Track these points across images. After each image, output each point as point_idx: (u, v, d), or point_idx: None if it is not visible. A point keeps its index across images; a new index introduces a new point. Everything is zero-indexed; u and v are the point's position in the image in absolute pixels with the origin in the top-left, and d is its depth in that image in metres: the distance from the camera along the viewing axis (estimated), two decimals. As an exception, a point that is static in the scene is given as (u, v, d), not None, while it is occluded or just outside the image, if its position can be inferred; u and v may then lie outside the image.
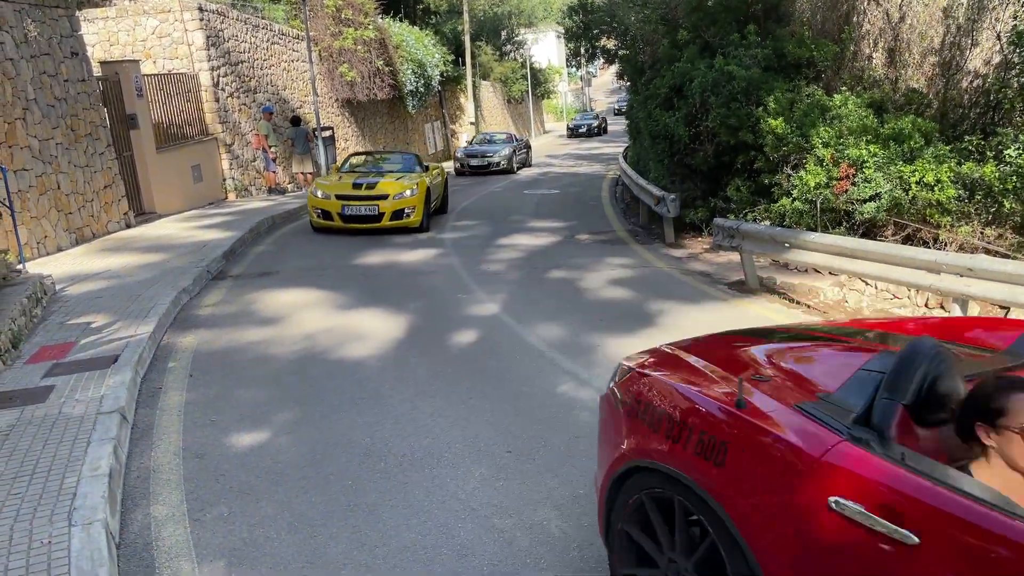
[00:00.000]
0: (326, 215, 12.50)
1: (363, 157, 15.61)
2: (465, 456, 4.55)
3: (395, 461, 4.49)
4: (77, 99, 11.69)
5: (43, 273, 8.20)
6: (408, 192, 12.63)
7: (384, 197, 12.43)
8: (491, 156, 25.04)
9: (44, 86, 10.85)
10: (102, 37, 16.21)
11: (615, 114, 64.43)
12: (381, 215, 12.35)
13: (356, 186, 12.67)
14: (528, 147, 28.78)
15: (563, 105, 66.53)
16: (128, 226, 12.69)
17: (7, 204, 8.91)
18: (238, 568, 3.47)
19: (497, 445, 4.70)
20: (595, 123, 48.36)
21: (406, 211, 12.52)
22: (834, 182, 9.00)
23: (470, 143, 28.57)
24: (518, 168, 26.13)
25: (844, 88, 10.25)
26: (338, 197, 12.47)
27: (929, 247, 8.28)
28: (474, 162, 24.96)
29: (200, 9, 16.19)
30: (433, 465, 4.43)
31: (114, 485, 4.06)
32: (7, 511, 3.70)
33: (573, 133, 47.67)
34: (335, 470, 4.39)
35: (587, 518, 3.84)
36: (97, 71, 13.18)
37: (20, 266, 8.37)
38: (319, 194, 12.62)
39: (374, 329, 7.19)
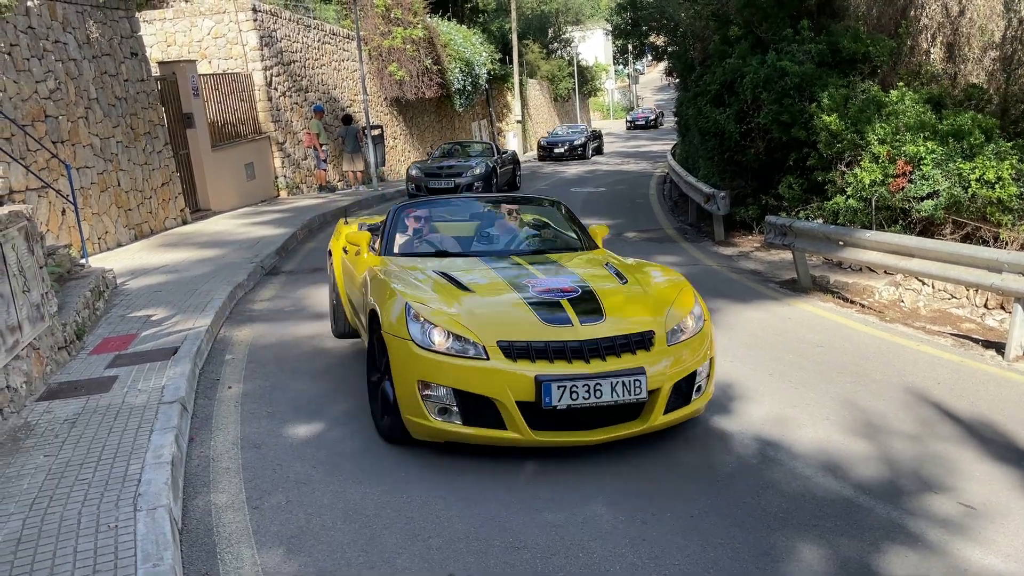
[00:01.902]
0: (478, 412, 4.31)
1: (437, 213, 6.61)
2: (516, 450, 4.57)
3: (447, 453, 4.53)
4: (136, 98, 12.01)
5: (105, 267, 8.44)
6: (691, 323, 4.74)
7: (645, 340, 4.50)
8: (460, 175, 16.97)
9: (105, 86, 11.17)
10: (160, 38, 16.63)
11: (628, 128, 54.78)
12: (647, 398, 4.35)
13: (550, 315, 4.50)
14: (515, 162, 20.52)
15: (610, 103, 66.18)
16: (184, 222, 13.00)
17: (71, 200, 9.20)
18: (296, 555, 3.55)
19: (548, 440, 4.71)
20: (579, 140, 31.86)
21: (699, 380, 4.66)
22: (890, 179, 8.83)
23: (431, 155, 20.32)
24: (500, 190, 18.37)
25: (901, 84, 10.05)
26: (526, 353, 4.30)
27: (989, 246, 8.08)
28: (435, 183, 16.98)
29: (254, 10, 16.50)
30: (485, 458, 4.47)
31: (176, 473, 4.17)
32: (75, 496, 3.83)
33: (547, 154, 31.83)
34: (389, 461, 4.46)
35: (640, 513, 3.85)
36: (155, 71, 13.53)
37: (83, 260, 8.63)
38: (448, 344, 4.36)
39: (424, 324, 7.25)
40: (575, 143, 31.58)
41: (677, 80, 18.93)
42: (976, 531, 3.68)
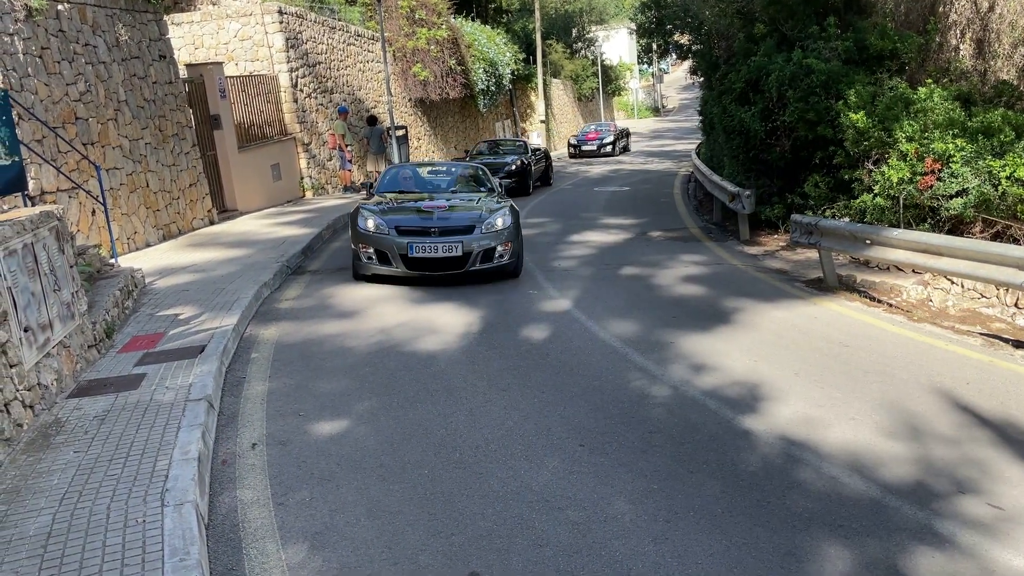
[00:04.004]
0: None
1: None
2: (538, 448, 4.58)
3: (470, 452, 4.55)
4: (164, 100, 12.15)
5: (134, 267, 8.55)
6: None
7: None
8: (469, 231, 8.86)
9: (134, 88, 11.31)
10: (187, 41, 16.81)
11: (572, 154, 33.19)
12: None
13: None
14: (512, 210, 9.59)
15: (634, 102, 65.95)
16: (212, 223, 13.13)
17: (101, 201, 9.33)
18: (320, 551, 3.58)
19: (570, 439, 4.72)
20: (515, 162, 19.14)
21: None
22: (918, 177, 8.72)
23: (372, 182, 13.22)
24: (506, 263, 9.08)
25: (929, 80, 9.92)
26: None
27: (1020, 244, 7.95)
28: (422, 248, 8.68)
29: (280, 12, 16.64)
30: (507, 456, 4.48)
31: (203, 469, 4.22)
32: (104, 491, 3.89)
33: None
34: (412, 459, 4.48)
35: (663, 512, 3.83)
36: (183, 73, 13.67)
37: (112, 260, 8.75)
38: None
39: (447, 323, 7.29)
40: (510, 167, 18.79)
41: (701, 79, 18.82)
42: (1005, 533, 3.63)
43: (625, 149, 34.71)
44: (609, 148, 32.80)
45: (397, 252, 8.63)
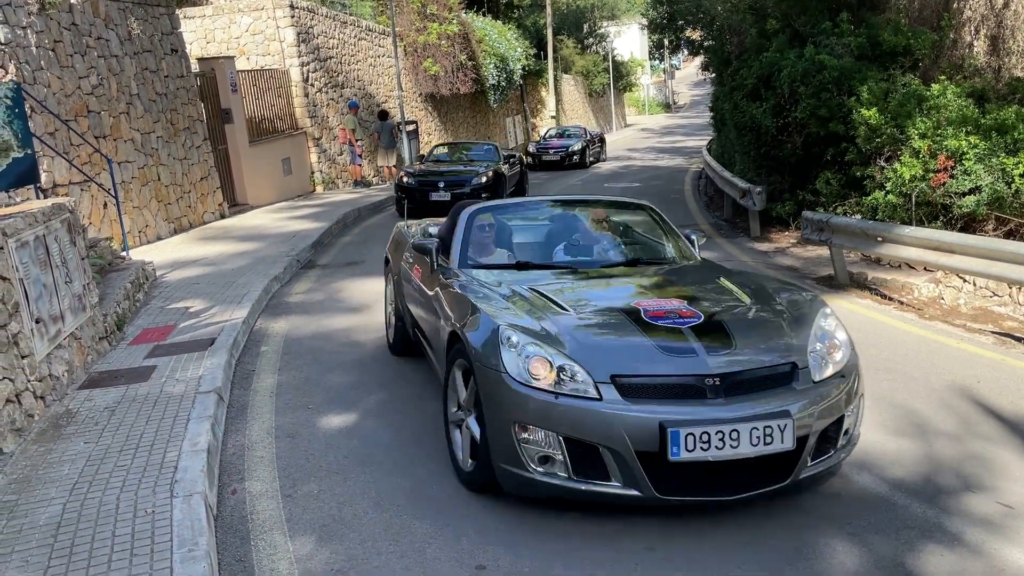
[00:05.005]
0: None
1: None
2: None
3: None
4: (176, 94, 12.20)
5: (145, 260, 8.60)
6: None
7: None
8: (751, 389, 3.58)
9: (146, 82, 11.36)
10: (199, 35, 16.87)
11: (530, 165, 23.08)
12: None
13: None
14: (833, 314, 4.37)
15: (645, 98, 65.75)
16: (222, 216, 13.18)
17: (113, 194, 9.38)
18: (328, 542, 3.59)
19: (578, 434, 4.70)
20: (487, 171, 14.68)
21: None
22: (931, 175, 8.67)
23: (458, 243, 5.14)
24: None
25: (943, 77, 9.85)
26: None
27: (1033, 243, 7.89)
28: (698, 450, 3.38)
29: (292, 6, 16.67)
30: (515, 451, 4.48)
31: (212, 461, 4.24)
32: (114, 482, 3.91)
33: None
34: (420, 453, 4.49)
35: (670, 508, 3.82)
36: (195, 67, 13.71)
37: (124, 253, 8.80)
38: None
39: (457, 318, 7.29)
40: (480, 182, 14.30)
41: (713, 75, 18.77)
42: (1015, 531, 3.60)
43: (598, 159, 28.64)
44: (576, 158, 26.32)
45: (632, 450, 3.43)
